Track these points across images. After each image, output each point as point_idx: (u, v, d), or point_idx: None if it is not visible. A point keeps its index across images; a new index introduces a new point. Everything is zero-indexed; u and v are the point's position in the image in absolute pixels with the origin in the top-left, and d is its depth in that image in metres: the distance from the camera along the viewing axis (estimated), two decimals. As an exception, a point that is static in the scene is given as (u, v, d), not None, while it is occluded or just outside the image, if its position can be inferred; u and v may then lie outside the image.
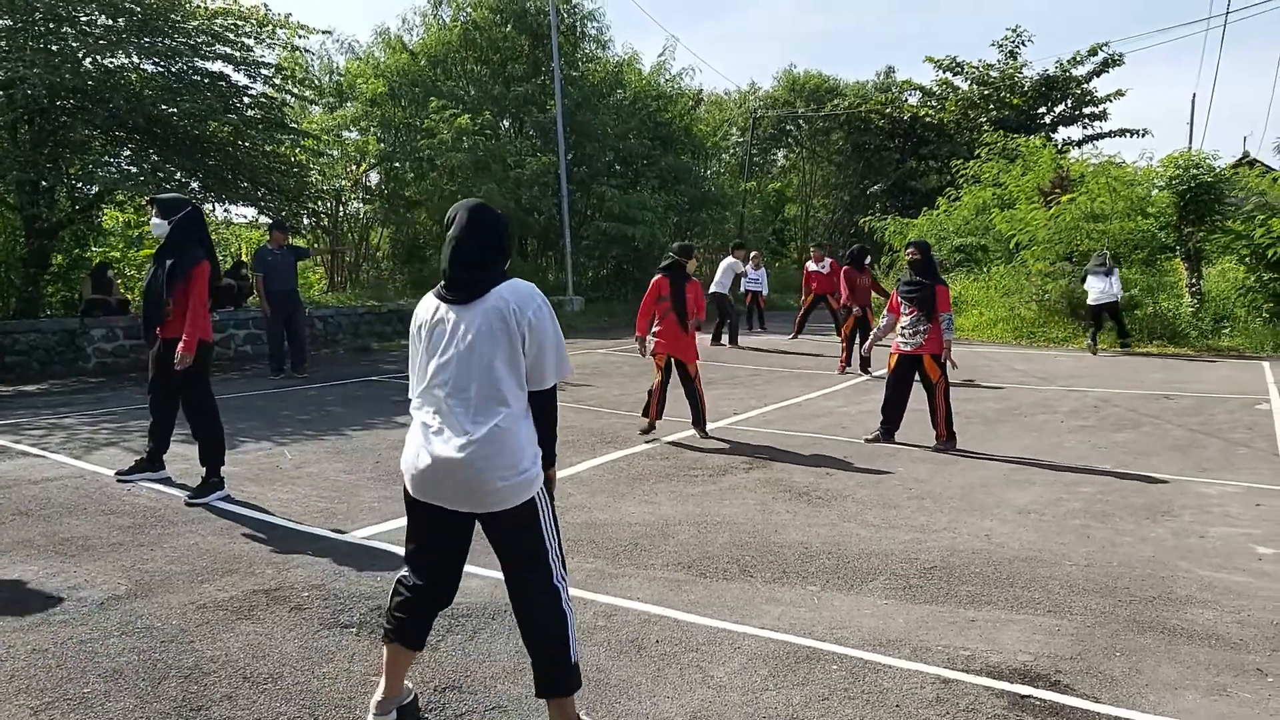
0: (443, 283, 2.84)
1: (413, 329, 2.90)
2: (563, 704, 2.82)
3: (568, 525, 5.19)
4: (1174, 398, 10.28)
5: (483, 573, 4.41)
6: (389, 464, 6.77)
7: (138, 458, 6.35)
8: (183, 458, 6.68)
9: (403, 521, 5.31)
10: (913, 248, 7.81)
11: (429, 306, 2.86)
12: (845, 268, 12.67)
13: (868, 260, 13.14)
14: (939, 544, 4.97)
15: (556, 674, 2.80)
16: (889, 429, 7.72)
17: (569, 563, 4.56)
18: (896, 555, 4.77)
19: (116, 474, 6.27)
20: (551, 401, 2.88)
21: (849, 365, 12.38)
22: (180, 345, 5.76)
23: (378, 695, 2.92)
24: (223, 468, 5.93)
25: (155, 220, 5.93)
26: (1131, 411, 9.34)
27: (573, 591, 4.15)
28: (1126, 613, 3.99)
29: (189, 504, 5.65)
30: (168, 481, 6.18)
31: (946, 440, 7.46)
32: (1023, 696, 3.21)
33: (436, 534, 2.91)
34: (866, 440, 7.70)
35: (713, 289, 15.95)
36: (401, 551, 4.71)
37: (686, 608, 4.01)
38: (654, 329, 7.90)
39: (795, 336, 17.61)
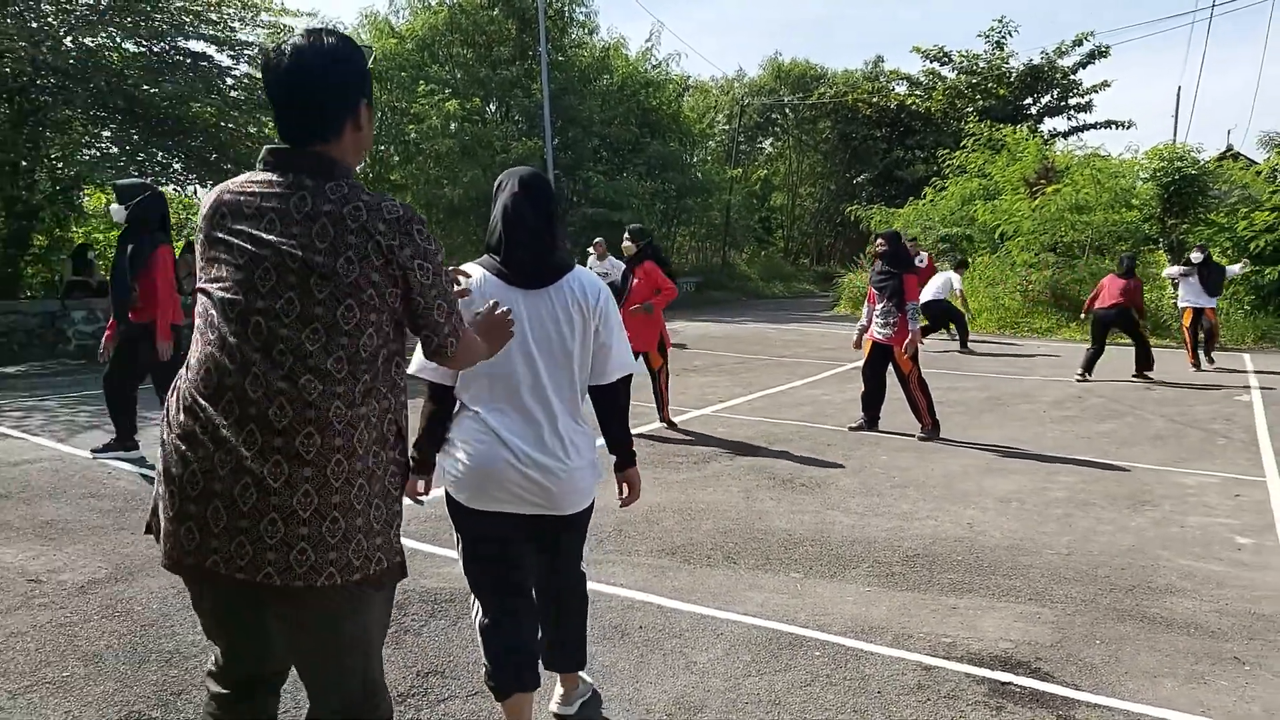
0: (499, 261, 2.51)
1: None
2: (577, 676, 2.93)
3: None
4: (1155, 389, 10.35)
5: (466, 558, 4.41)
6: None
7: (111, 436, 6.37)
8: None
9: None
10: (881, 239, 7.82)
11: (479, 284, 2.49)
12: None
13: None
14: (921, 532, 4.99)
15: (581, 651, 2.88)
16: (871, 417, 7.75)
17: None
18: (879, 543, 4.79)
19: (92, 450, 6.31)
20: (625, 396, 2.75)
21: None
22: (157, 335, 5.86)
23: None
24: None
25: (114, 206, 5.97)
26: (1114, 402, 9.41)
27: (556, 577, 4.16)
28: (1107, 601, 4.02)
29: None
30: (141, 461, 6.18)
31: (931, 429, 7.48)
32: (1003, 684, 3.23)
33: (506, 547, 2.58)
34: (850, 429, 7.72)
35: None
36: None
37: (670, 594, 4.01)
38: None
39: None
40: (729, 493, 5.72)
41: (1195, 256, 12.17)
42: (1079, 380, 10.79)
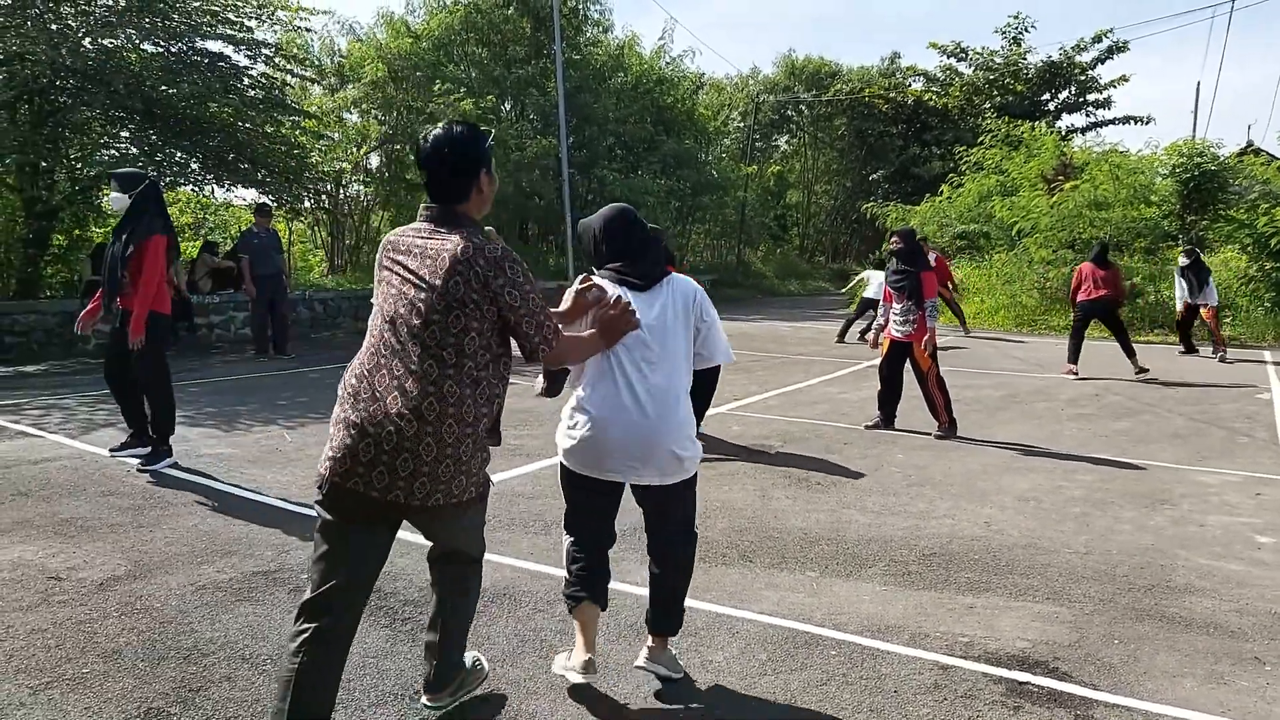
0: (616, 266, 3.08)
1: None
2: (667, 639, 3.22)
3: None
4: (1174, 386, 10.27)
5: (482, 556, 4.42)
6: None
7: (129, 434, 6.40)
8: (183, 439, 6.69)
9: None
10: (896, 237, 7.78)
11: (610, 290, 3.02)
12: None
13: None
14: (938, 531, 4.97)
15: (680, 612, 3.22)
16: (888, 415, 7.72)
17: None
18: (895, 542, 4.77)
19: (110, 449, 6.32)
20: (715, 380, 3.37)
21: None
22: (130, 327, 5.77)
23: (581, 657, 3.01)
24: (171, 436, 6.13)
25: (115, 195, 5.94)
26: (1131, 400, 9.34)
27: (572, 575, 4.16)
28: (1125, 600, 4.00)
29: (140, 471, 5.88)
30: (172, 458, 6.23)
31: (948, 427, 7.44)
32: (1021, 683, 3.21)
33: (606, 504, 3.21)
34: (866, 427, 7.70)
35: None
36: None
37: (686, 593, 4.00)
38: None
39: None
40: (744, 491, 5.71)
41: (1182, 260, 13.15)
42: (1074, 378, 10.80)
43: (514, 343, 2.63)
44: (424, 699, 2.90)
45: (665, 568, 3.20)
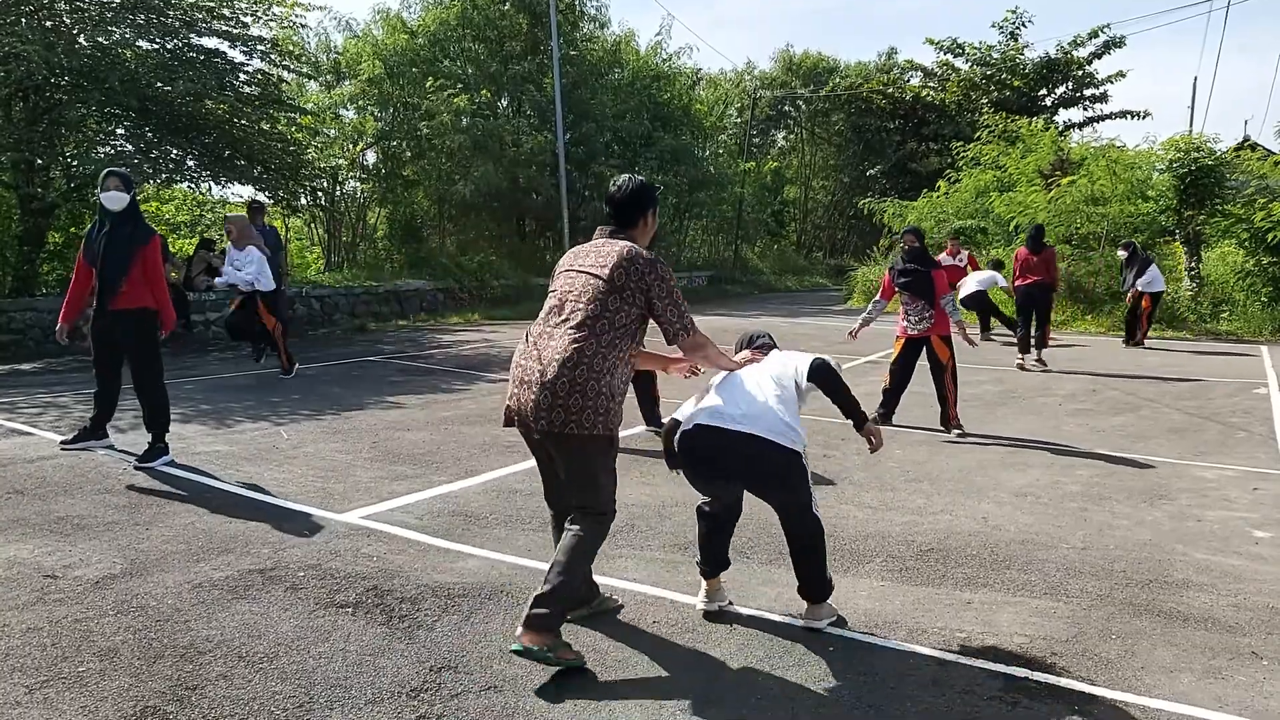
0: None
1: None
2: (817, 606, 3.65)
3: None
4: (1171, 381, 10.28)
5: (478, 553, 4.41)
6: (386, 444, 6.76)
7: (82, 426, 6.53)
8: (180, 436, 6.68)
9: (397, 502, 5.31)
10: (911, 234, 7.73)
11: None
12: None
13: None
14: (936, 526, 4.97)
15: (809, 587, 3.62)
16: (887, 412, 7.69)
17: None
18: (893, 537, 4.76)
19: (60, 443, 6.47)
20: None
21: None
22: (163, 325, 6.07)
23: (705, 595, 3.73)
24: (167, 434, 6.18)
25: (116, 193, 5.98)
26: (1129, 395, 9.34)
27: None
28: (1123, 596, 3.99)
29: (136, 468, 5.90)
30: (110, 449, 6.39)
31: (956, 423, 7.39)
32: (1019, 679, 3.21)
33: (713, 485, 3.71)
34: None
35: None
36: (397, 531, 4.72)
37: (683, 589, 4.00)
38: None
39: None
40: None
41: (1121, 253, 14.00)
42: (1034, 367, 10.92)
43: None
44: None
45: (789, 546, 3.66)
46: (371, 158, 21.12)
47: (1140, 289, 13.63)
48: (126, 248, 5.90)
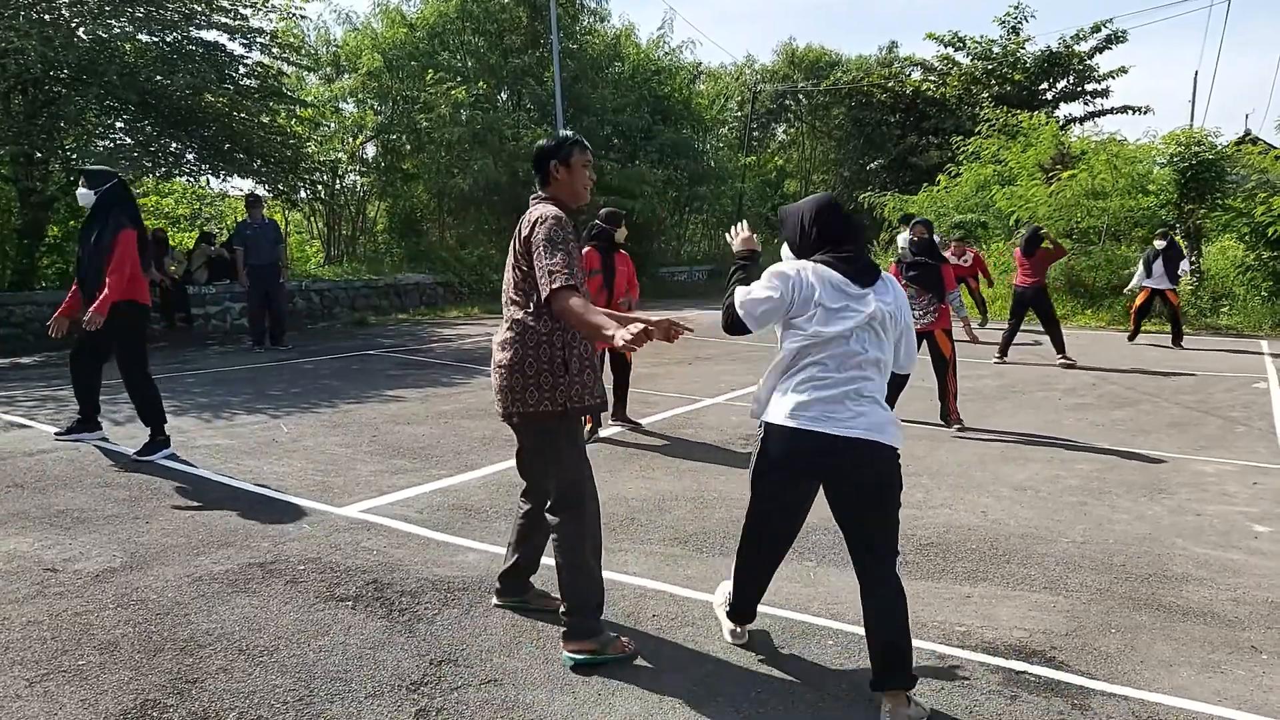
0: (841, 257, 2.99)
1: (794, 280, 2.97)
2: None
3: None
4: (1172, 376, 10.27)
5: (478, 547, 4.41)
6: (386, 438, 6.76)
7: (75, 419, 6.52)
8: (179, 430, 6.68)
9: (397, 495, 5.31)
10: (921, 225, 7.61)
11: (824, 273, 2.96)
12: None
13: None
14: (935, 520, 4.97)
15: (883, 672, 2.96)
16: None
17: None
18: (893, 531, 4.76)
19: (55, 433, 6.52)
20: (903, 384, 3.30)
21: None
22: (93, 306, 5.83)
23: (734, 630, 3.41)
24: (166, 425, 6.17)
25: (81, 190, 6.02)
26: (1130, 389, 9.34)
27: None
28: (1122, 590, 4.00)
29: (135, 460, 5.92)
30: (104, 440, 6.43)
31: (957, 418, 7.37)
32: (1018, 672, 3.21)
33: (800, 501, 3.14)
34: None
35: None
36: (397, 524, 4.71)
37: (683, 582, 4.01)
38: None
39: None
40: (742, 481, 5.66)
41: (1159, 244, 13.18)
42: (1062, 364, 10.89)
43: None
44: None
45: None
46: (371, 151, 21.09)
47: (1153, 286, 13.14)
48: (97, 244, 5.93)
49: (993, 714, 2.93)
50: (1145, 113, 29.75)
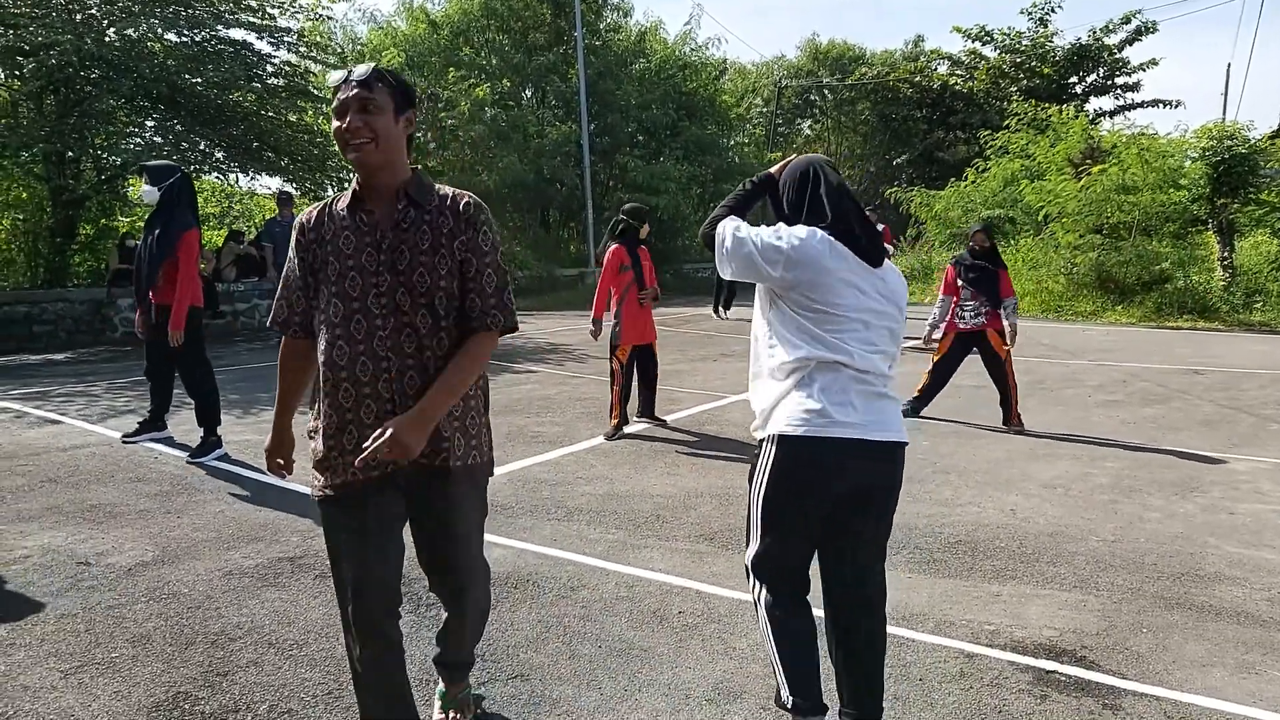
0: (848, 231, 2.47)
1: (803, 256, 2.42)
2: None
3: (589, 496, 5.20)
4: (1204, 372, 10.14)
5: (504, 542, 4.43)
6: (412, 434, 6.79)
7: (140, 420, 6.55)
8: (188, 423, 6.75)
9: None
10: (981, 233, 7.48)
11: (826, 246, 2.44)
12: None
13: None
14: (963, 518, 4.93)
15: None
16: (920, 403, 7.57)
17: (592, 533, 4.57)
18: (920, 529, 4.73)
19: (122, 436, 6.47)
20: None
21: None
22: (170, 322, 5.81)
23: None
24: (219, 427, 6.14)
25: (145, 187, 5.96)
26: (1160, 386, 9.23)
27: (594, 562, 4.16)
28: (1154, 589, 3.95)
29: (189, 463, 5.87)
30: (169, 441, 6.40)
31: (1018, 422, 7.18)
32: (1048, 672, 3.18)
33: (812, 527, 2.53)
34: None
35: None
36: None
37: (708, 579, 4.00)
38: (613, 311, 6.96)
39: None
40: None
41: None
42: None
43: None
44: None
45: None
46: (397, 148, 21.20)
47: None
48: (159, 242, 5.89)
49: (1022, 713, 2.91)
50: (1176, 106, 29.34)
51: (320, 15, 16.05)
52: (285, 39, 14.82)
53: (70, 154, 12.96)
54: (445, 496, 2.41)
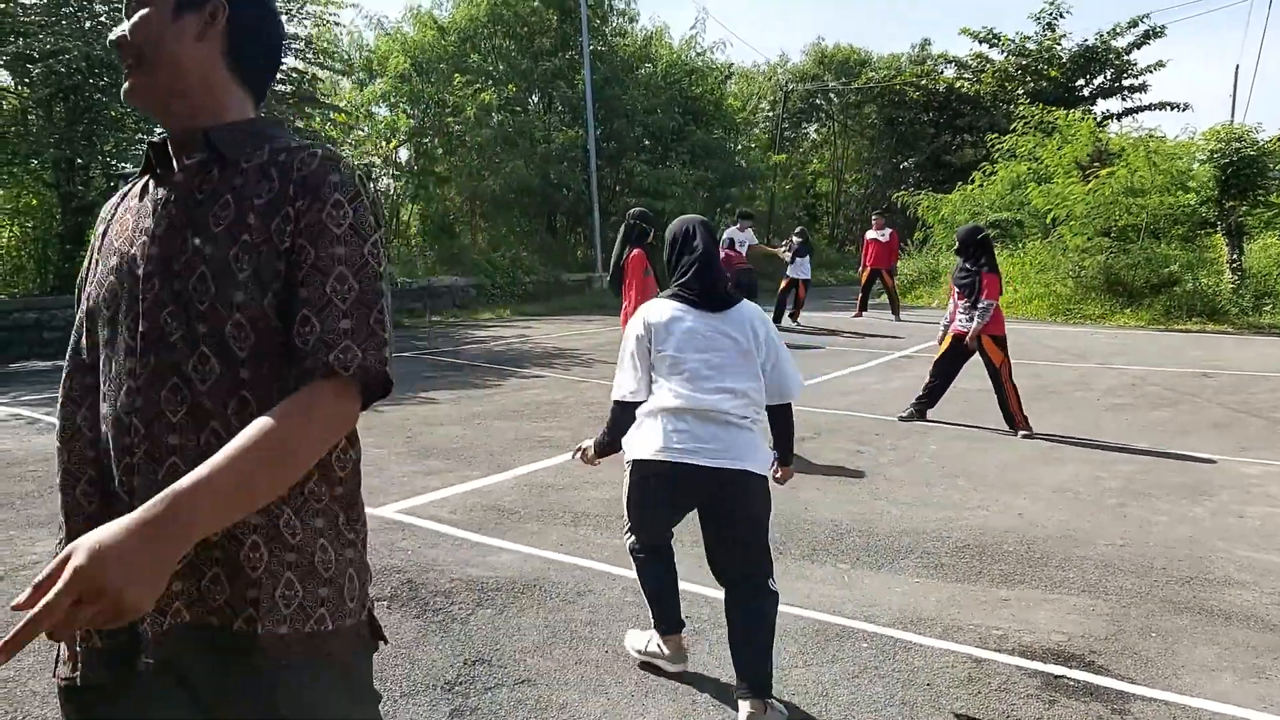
0: (686, 289, 3.05)
1: (639, 331, 3.04)
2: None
3: (596, 501, 5.20)
4: (1213, 375, 10.10)
5: (511, 547, 4.43)
6: (420, 439, 6.81)
7: None
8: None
9: (431, 496, 5.34)
10: (981, 233, 7.48)
11: (665, 309, 3.05)
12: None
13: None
14: (971, 522, 4.92)
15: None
16: (924, 406, 7.57)
17: (599, 538, 4.57)
18: (928, 533, 4.72)
19: None
20: (791, 414, 3.24)
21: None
22: None
23: (671, 655, 3.20)
24: None
25: None
26: (1169, 390, 9.19)
27: (601, 567, 4.16)
28: (1162, 593, 3.93)
29: None
30: None
31: (1024, 424, 7.13)
32: (1056, 677, 3.17)
33: (671, 517, 3.25)
34: (900, 418, 7.61)
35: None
36: (431, 525, 4.74)
37: (714, 584, 3.98)
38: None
39: (859, 314, 17.08)
40: (772, 483, 5.67)
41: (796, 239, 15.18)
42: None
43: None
44: None
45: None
46: (404, 154, 21.26)
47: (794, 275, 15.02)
48: None
49: (1030, 718, 2.90)
50: (1184, 109, 29.30)
51: (327, 21, 16.10)
52: (292, 45, 14.87)
53: (79, 161, 13.01)
54: (255, 693, 1.30)
